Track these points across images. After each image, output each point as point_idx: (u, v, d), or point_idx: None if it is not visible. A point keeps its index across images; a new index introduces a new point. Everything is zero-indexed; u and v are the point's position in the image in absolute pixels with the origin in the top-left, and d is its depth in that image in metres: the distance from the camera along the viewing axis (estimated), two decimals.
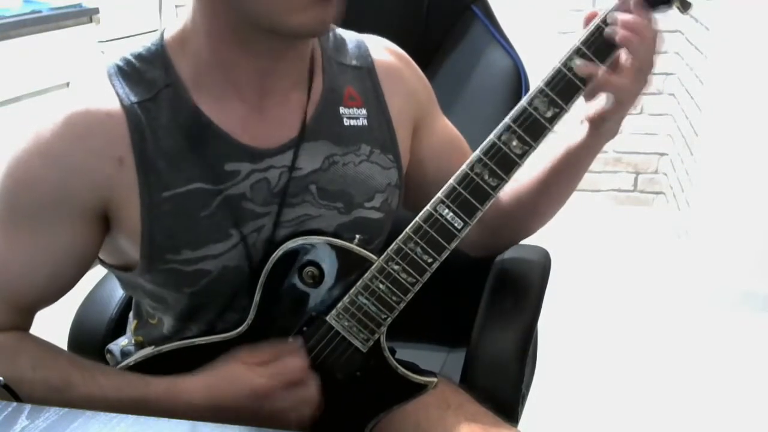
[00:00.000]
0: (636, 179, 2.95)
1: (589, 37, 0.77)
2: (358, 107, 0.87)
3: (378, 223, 0.88)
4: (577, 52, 0.77)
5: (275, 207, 0.82)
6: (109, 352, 0.99)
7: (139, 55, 0.79)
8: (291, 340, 0.82)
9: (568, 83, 0.77)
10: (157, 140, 0.77)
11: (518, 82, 1.17)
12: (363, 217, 0.87)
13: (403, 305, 0.81)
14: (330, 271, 0.81)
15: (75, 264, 0.81)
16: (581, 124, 0.86)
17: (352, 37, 0.91)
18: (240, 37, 0.77)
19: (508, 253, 1.05)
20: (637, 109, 2.81)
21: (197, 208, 0.79)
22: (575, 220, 1.92)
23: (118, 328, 1.05)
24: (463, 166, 0.79)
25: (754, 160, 2.18)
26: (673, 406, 1.82)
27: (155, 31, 0.82)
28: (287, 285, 0.82)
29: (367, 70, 0.89)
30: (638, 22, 0.75)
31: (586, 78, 0.77)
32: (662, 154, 2.89)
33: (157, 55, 0.79)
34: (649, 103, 2.80)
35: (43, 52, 2.38)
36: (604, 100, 0.81)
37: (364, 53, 0.90)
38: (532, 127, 0.78)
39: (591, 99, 0.82)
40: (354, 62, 0.89)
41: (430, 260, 0.79)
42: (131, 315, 0.99)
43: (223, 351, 0.81)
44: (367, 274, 0.80)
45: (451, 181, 0.79)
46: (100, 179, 0.76)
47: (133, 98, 0.77)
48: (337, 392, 0.83)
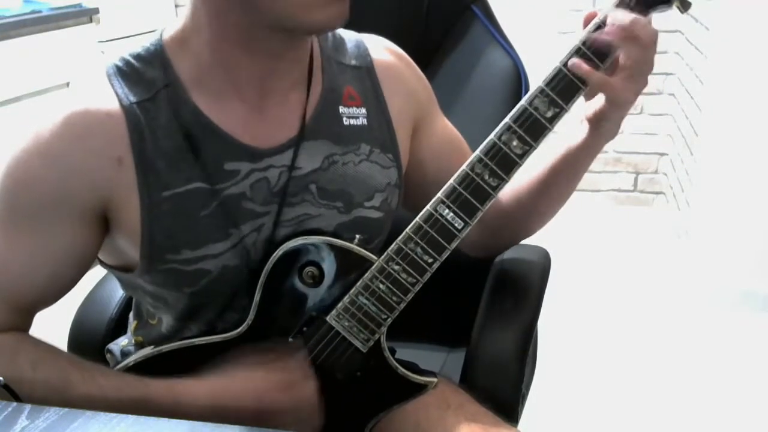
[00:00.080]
0: (636, 179, 2.94)
1: (588, 37, 0.77)
2: (358, 107, 0.87)
3: (378, 223, 0.88)
4: (577, 52, 0.76)
5: (275, 206, 0.82)
6: (109, 352, 0.99)
7: (138, 56, 0.79)
8: (291, 340, 0.82)
9: (569, 83, 0.77)
10: (156, 140, 0.77)
11: (518, 82, 1.17)
12: (363, 216, 0.87)
13: (403, 305, 0.81)
14: (330, 271, 0.81)
15: (75, 264, 0.81)
16: (581, 124, 0.86)
17: (351, 36, 0.91)
18: (244, 36, 0.77)
19: (508, 254, 1.05)
20: (637, 109, 2.81)
21: (197, 208, 0.79)
22: (575, 220, 1.92)
23: (118, 328, 1.05)
24: (464, 166, 0.79)
25: (754, 160, 2.17)
26: (673, 406, 1.82)
27: (155, 31, 0.82)
28: (287, 285, 0.82)
29: (367, 70, 0.89)
30: (634, 24, 0.75)
31: (584, 78, 0.77)
32: (662, 154, 2.89)
33: (156, 55, 0.79)
34: (649, 103, 2.80)
35: (43, 52, 2.38)
36: (603, 100, 0.81)
37: (363, 53, 0.90)
38: (533, 127, 0.77)
39: (591, 99, 0.82)
40: (353, 62, 0.89)
41: (431, 260, 0.79)
42: (131, 315, 0.99)
43: (223, 351, 0.82)
44: (368, 274, 0.80)
45: (451, 181, 0.79)
46: (100, 179, 0.76)
47: (132, 98, 0.77)
48: (337, 392, 0.83)
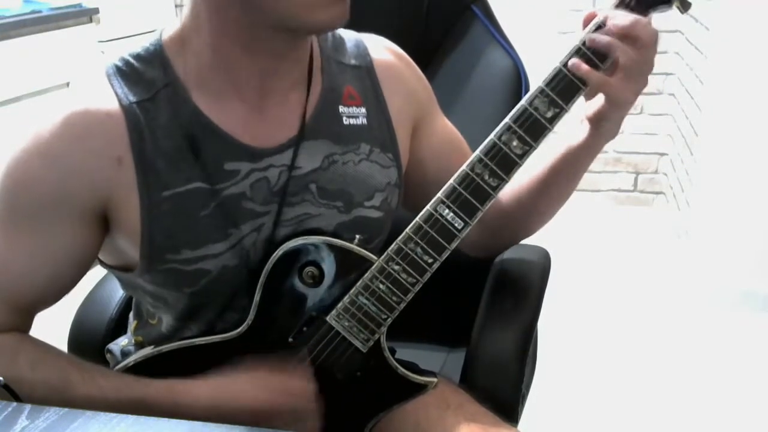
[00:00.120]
0: (636, 179, 2.94)
1: (588, 38, 0.76)
2: (358, 106, 0.87)
3: (378, 222, 0.88)
4: (577, 52, 0.77)
5: (275, 206, 0.82)
6: (109, 352, 0.99)
7: (138, 56, 0.79)
8: (291, 340, 0.82)
9: (569, 83, 0.77)
10: (156, 140, 0.77)
11: (518, 82, 1.17)
12: (363, 216, 0.86)
13: (403, 305, 0.81)
14: (330, 271, 0.81)
15: (75, 264, 0.81)
16: (581, 124, 0.86)
17: (351, 36, 0.91)
18: (245, 37, 0.77)
19: (508, 254, 1.05)
20: (637, 109, 2.81)
21: (197, 208, 0.79)
22: (575, 220, 1.92)
23: (118, 328, 1.05)
24: (464, 167, 0.79)
25: (753, 160, 2.17)
26: (673, 406, 1.82)
27: (155, 31, 0.82)
28: (287, 285, 0.82)
29: (366, 69, 0.89)
30: (634, 24, 0.75)
31: (584, 78, 0.77)
32: (662, 154, 2.89)
33: (155, 55, 0.79)
34: (649, 103, 2.80)
35: (43, 52, 2.38)
36: (604, 100, 0.81)
37: (362, 52, 0.90)
38: (533, 128, 0.77)
39: (591, 99, 0.82)
40: (353, 61, 0.89)
41: (431, 260, 0.79)
42: (131, 315, 0.99)
43: (224, 351, 0.82)
44: (368, 274, 0.80)
45: (451, 182, 0.79)
46: (99, 179, 0.76)
47: (132, 98, 0.77)
48: (337, 392, 0.83)
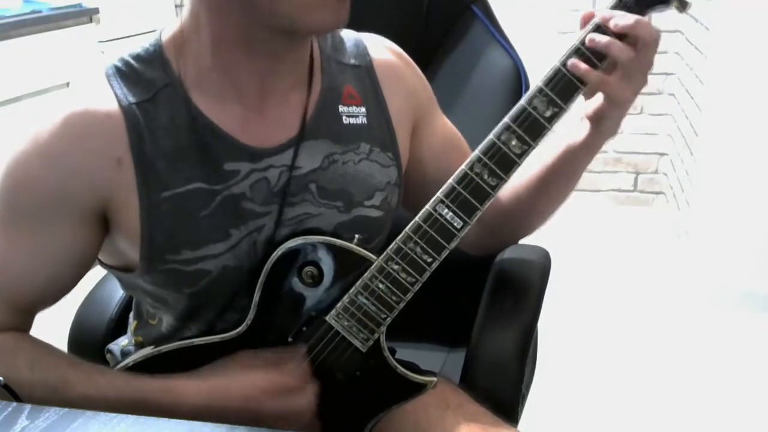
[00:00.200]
0: (636, 179, 2.94)
1: (587, 37, 0.76)
2: (357, 106, 0.87)
3: (378, 222, 0.88)
4: (576, 51, 0.76)
5: (275, 206, 0.82)
6: (109, 352, 0.99)
7: (137, 56, 0.79)
8: (291, 340, 0.82)
9: (568, 83, 0.77)
10: (156, 141, 0.77)
11: (518, 82, 1.17)
12: (363, 215, 0.87)
13: (402, 305, 0.81)
14: (329, 270, 0.81)
15: (75, 265, 0.81)
16: (581, 123, 0.86)
17: (351, 36, 0.91)
18: (245, 37, 0.77)
19: (508, 253, 1.05)
20: (637, 109, 2.81)
21: (197, 208, 0.79)
22: (575, 220, 1.92)
23: (118, 328, 1.05)
24: (463, 166, 0.79)
25: (753, 160, 2.17)
26: (673, 406, 1.82)
27: (155, 32, 0.82)
28: (287, 285, 0.82)
29: (366, 69, 0.89)
30: (633, 25, 0.75)
31: (582, 77, 0.77)
32: (662, 154, 2.89)
33: (155, 56, 0.79)
34: (649, 103, 2.80)
35: (43, 52, 2.38)
36: (603, 99, 0.81)
37: (362, 52, 0.90)
38: (532, 127, 0.77)
39: (590, 98, 0.82)
40: (353, 61, 0.89)
41: (430, 260, 0.79)
42: (131, 315, 0.99)
43: (223, 351, 0.81)
44: (367, 274, 0.80)
45: (450, 181, 0.79)
46: (99, 180, 0.76)
47: (131, 99, 0.77)
48: (337, 392, 0.83)
